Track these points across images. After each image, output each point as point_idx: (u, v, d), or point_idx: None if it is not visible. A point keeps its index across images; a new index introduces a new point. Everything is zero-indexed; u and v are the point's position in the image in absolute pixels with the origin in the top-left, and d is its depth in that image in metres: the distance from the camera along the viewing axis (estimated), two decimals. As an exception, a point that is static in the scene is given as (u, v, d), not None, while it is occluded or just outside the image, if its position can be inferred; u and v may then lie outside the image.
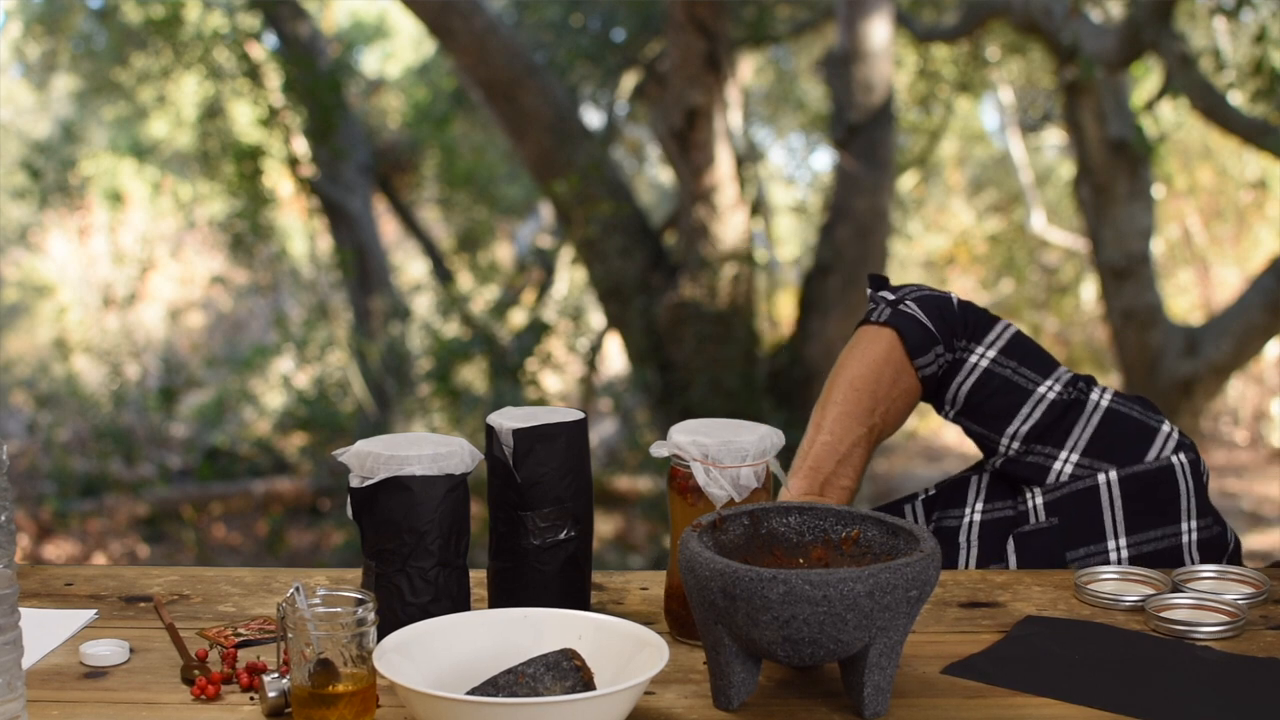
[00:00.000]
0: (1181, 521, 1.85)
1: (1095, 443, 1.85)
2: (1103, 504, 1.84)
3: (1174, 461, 1.85)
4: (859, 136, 6.79)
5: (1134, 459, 1.84)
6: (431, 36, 7.23)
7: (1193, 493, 1.85)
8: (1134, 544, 1.84)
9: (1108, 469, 1.84)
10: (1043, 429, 1.86)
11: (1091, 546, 1.85)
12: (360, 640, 1.28)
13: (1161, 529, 1.86)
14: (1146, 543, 1.85)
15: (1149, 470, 1.84)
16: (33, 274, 9.33)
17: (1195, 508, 1.85)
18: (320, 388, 8.38)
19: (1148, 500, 1.84)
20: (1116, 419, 1.87)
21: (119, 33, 8.31)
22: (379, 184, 8.79)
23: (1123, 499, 1.84)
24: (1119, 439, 1.86)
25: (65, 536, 7.76)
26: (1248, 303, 6.34)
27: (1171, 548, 1.85)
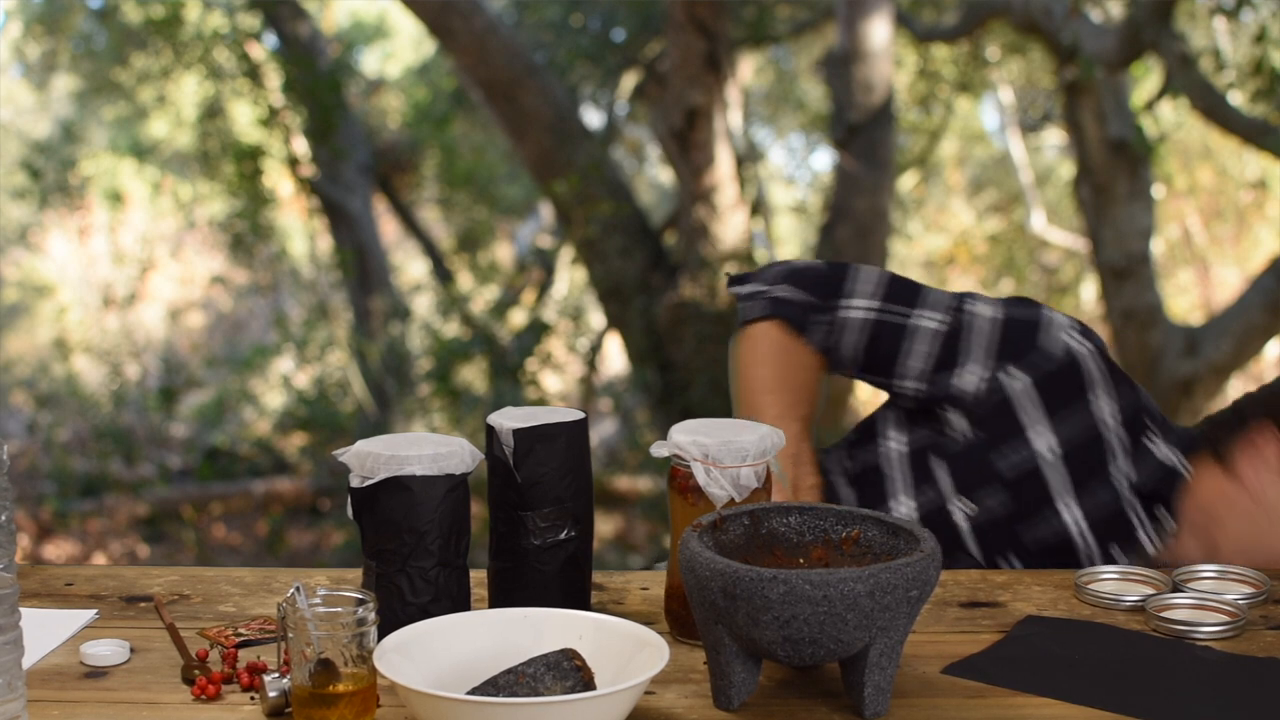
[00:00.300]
0: (1097, 401, 1.86)
1: (994, 353, 1.86)
2: (1017, 407, 1.85)
3: (1073, 347, 1.86)
4: (859, 136, 6.79)
5: (1034, 356, 1.85)
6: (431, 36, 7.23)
7: (1101, 372, 1.87)
8: (1059, 433, 1.85)
9: (1013, 372, 1.85)
10: (940, 359, 1.87)
11: (1019, 449, 1.85)
12: (360, 640, 1.28)
13: (1078, 413, 1.86)
14: (1071, 434, 1.86)
15: (1053, 361, 1.85)
16: (33, 274, 9.33)
17: (1106, 387, 1.87)
18: (320, 388, 8.38)
19: (1059, 390, 1.85)
20: (1007, 325, 1.88)
21: (119, 33, 8.31)
22: (379, 184, 8.80)
23: (1037, 394, 1.85)
24: (1014, 342, 1.87)
25: (65, 536, 7.76)
26: (1248, 303, 6.34)
27: (1092, 436, 1.86)
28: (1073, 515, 1.84)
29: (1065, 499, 1.84)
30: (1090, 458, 1.85)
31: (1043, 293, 9.86)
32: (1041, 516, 1.84)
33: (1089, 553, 1.85)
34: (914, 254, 10.15)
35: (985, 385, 1.85)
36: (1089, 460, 1.85)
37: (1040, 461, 1.84)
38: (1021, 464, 1.85)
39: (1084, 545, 1.85)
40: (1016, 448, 1.85)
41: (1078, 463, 1.85)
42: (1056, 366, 1.85)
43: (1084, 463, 1.85)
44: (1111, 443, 1.86)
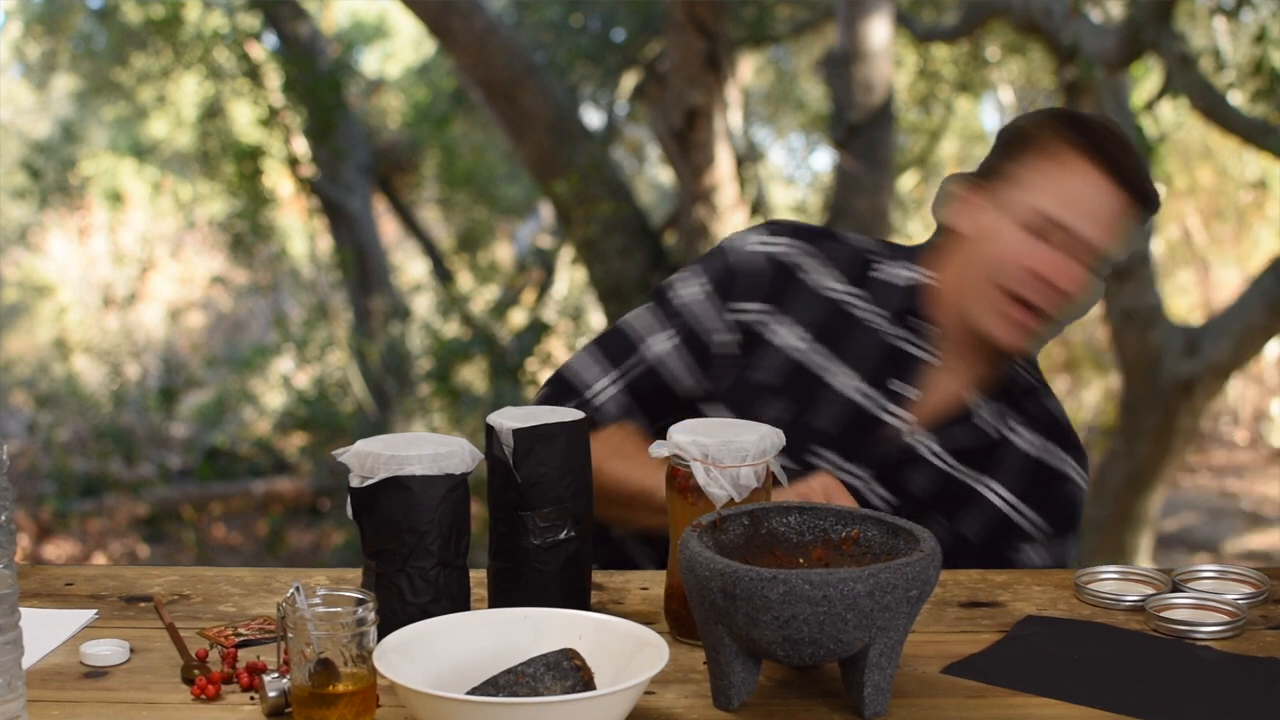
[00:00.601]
0: (819, 279, 1.91)
1: (721, 310, 1.92)
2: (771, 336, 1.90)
3: (770, 250, 1.92)
4: (859, 136, 6.79)
5: (742, 281, 1.91)
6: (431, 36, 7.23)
7: (808, 251, 1.92)
8: (803, 323, 1.91)
9: (741, 307, 1.90)
10: (698, 360, 1.91)
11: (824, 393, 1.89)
12: (360, 640, 1.28)
13: (815, 300, 1.91)
14: (815, 319, 1.91)
15: (762, 274, 1.92)
16: (33, 274, 9.33)
17: (821, 261, 1.93)
18: (320, 388, 8.38)
19: (784, 290, 1.91)
20: (714, 282, 1.92)
21: (119, 33, 8.31)
22: (379, 184, 8.80)
23: (771, 307, 1.90)
24: (726, 288, 1.91)
25: (65, 536, 7.76)
26: (1248, 303, 6.33)
27: (833, 310, 1.91)
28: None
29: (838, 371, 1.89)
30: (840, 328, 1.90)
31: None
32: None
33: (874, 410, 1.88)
34: (914, 254, 10.14)
35: (736, 338, 1.88)
36: (843, 329, 1.90)
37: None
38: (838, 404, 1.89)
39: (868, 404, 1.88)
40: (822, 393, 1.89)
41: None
42: (769, 277, 1.89)
43: (839, 333, 1.89)
44: (850, 304, 1.91)
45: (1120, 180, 1.78)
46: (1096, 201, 1.78)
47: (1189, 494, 9.25)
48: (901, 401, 1.87)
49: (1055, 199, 1.78)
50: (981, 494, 1.91)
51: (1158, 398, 6.36)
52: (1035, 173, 1.80)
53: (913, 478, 1.88)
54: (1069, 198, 1.78)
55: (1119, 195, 1.78)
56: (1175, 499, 8.57)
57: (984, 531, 1.91)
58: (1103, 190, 1.78)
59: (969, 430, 1.90)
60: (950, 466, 1.90)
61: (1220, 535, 8.52)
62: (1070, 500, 1.95)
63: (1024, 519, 1.92)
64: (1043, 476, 1.93)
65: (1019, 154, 1.82)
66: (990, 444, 1.91)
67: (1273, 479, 9.45)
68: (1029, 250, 1.79)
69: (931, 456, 1.89)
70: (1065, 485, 1.95)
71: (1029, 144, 1.82)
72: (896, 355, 1.88)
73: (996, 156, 1.86)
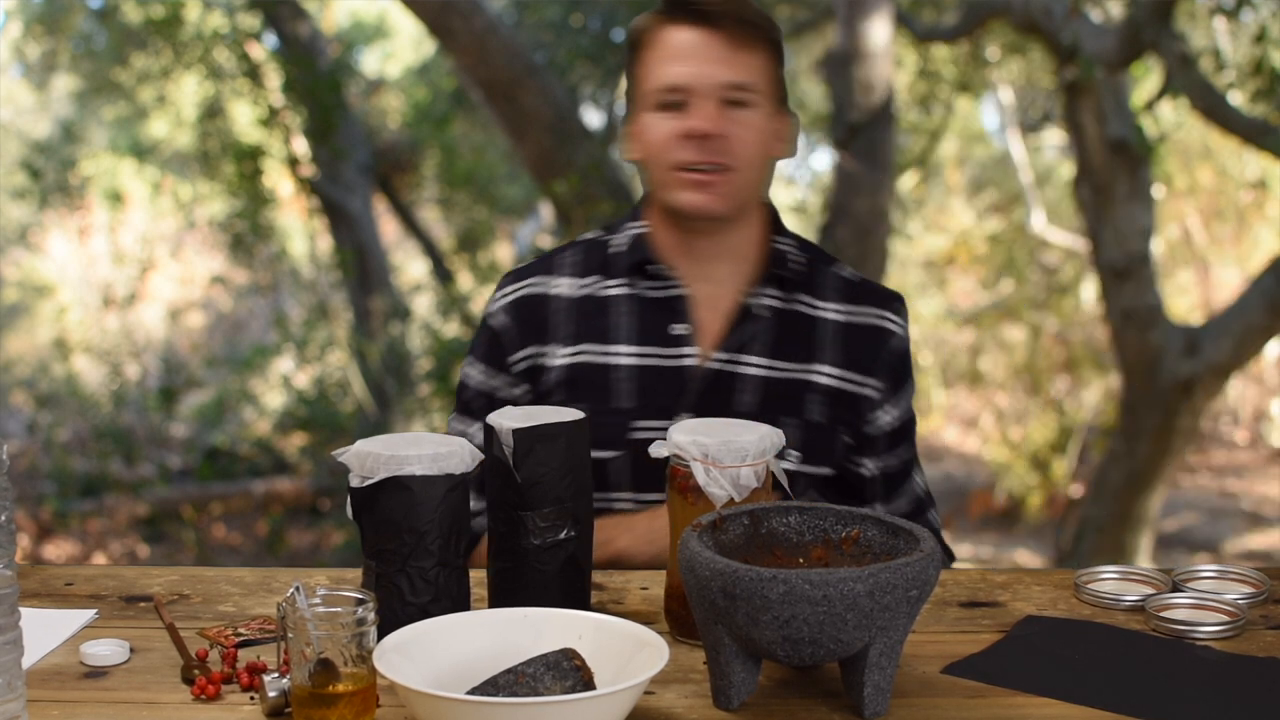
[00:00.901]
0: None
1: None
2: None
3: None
4: (859, 136, 6.79)
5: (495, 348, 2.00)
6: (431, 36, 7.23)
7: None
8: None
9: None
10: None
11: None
12: (360, 640, 1.28)
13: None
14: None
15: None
16: (33, 274, 9.33)
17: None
18: (320, 388, 8.38)
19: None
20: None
21: (119, 33, 8.31)
22: (379, 184, 8.79)
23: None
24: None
25: (65, 536, 7.76)
26: (1248, 303, 6.33)
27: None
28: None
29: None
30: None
31: (1043, 292, 9.87)
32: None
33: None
34: (914, 254, 10.15)
35: (525, 388, 1.96)
36: (599, 315, 1.96)
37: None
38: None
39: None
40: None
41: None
42: (521, 321, 1.97)
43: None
44: (596, 291, 1.97)
45: (700, 19, 1.84)
46: (689, 47, 1.84)
47: (1189, 494, 9.25)
48: (686, 340, 1.91)
49: (658, 70, 1.86)
50: (811, 380, 1.92)
51: (1158, 398, 6.36)
52: (643, 65, 1.88)
53: (738, 399, 1.90)
54: (666, 60, 1.85)
55: (709, 30, 1.84)
56: (1175, 499, 8.57)
57: (829, 413, 1.92)
58: (690, 35, 1.85)
59: (761, 325, 1.92)
60: (768, 369, 1.91)
61: (1220, 535, 8.52)
62: (894, 351, 1.97)
63: (859, 386, 1.94)
64: (858, 338, 1.95)
65: (631, 64, 1.91)
66: (796, 330, 1.93)
67: (1273, 479, 9.45)
68: (663, 123, 1.86)
69: (746, 369, 1.91)
70: (885, 338, 1.97)
71: (634, 50, 1.90)
72: (654, 304, 1.92)
73: (628, 74, 1.93)
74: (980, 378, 10.09)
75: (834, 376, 1.93)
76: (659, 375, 1.90)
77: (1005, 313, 10.07)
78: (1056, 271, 9.87)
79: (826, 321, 1.95)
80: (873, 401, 1.95)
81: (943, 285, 10.59)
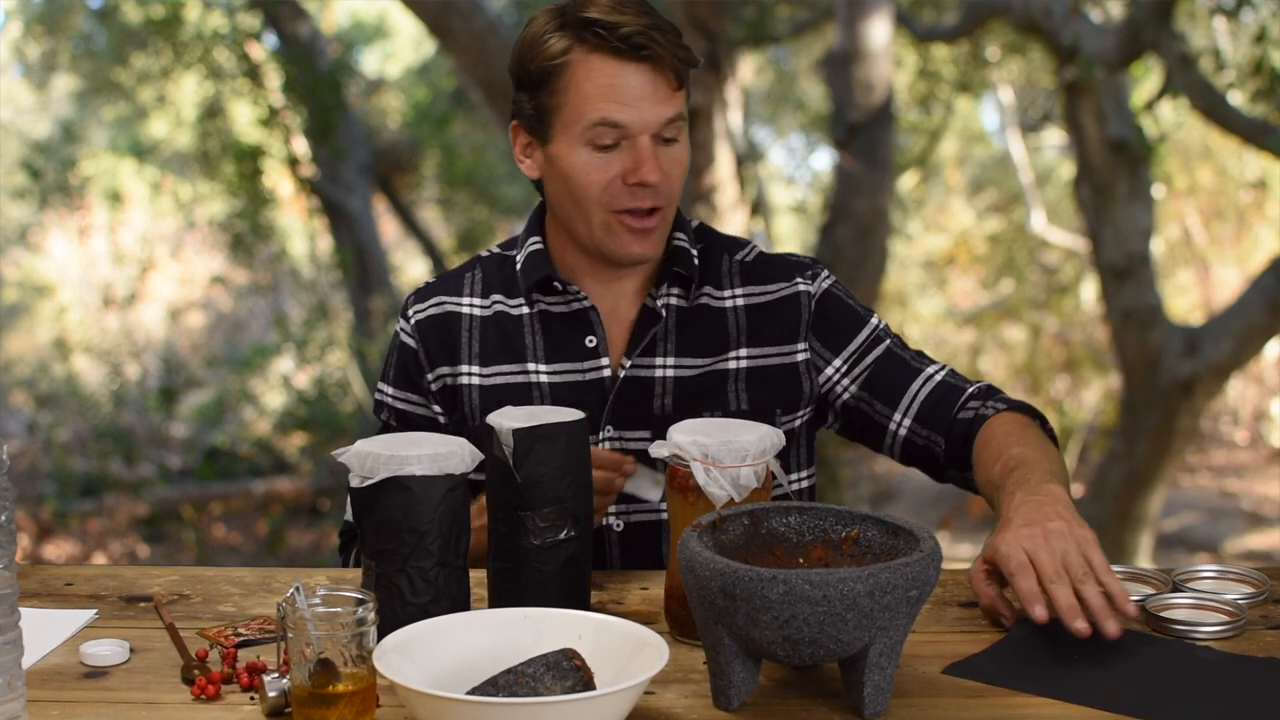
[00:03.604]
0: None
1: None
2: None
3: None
4: (859, 136, 6.79)
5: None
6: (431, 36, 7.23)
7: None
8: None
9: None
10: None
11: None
12: (360, 640, 1.28)
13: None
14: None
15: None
16: (33, 274, 9.34)
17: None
18: (320, 388, 8.38)
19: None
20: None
21: (119, 33, 8.31)
22: (379, 184, 8.79)
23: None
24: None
25: (65, 536, 7.77)
26: (1248, 303, 6.33)
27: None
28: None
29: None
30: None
31: (1043, 292, 9.87)
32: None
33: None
34: (914, 254, 10.16)
35: (437, 409, 1.93)
36: (510, 334, 1.95)
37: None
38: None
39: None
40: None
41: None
42: (431, 342, 1.93)
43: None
44: (504, 310, 1.95)
45: (640, 55, 1.75)
46: (627, 86, 1.76)
47: (1189, 494, 9.25)
48: (597, 353, 1.87)
49: (592, 105, 1.76)
50: (727, 370, 1.88)
51: (1158, 398, 6.36)
52: (565, 93, 1.78)
53: (656, 403, 1.86)
54: (601, 97, 1.76)
55: (648, 68, 1.76)
56: (1175, 499, 8.58)
57: (757, 396, 1.88)
58: (628, 73, 1.76)
59: (667, 325, 1.88)
60: (680, 368, 1.88)
61: (1220, 535, 8.52)
62: (816, 307, 1.92)
63: (785, 356, 1.90)
64: (769, 315, 1.91)
65: (543, 81, 1.80)
66: (702, 325, 1.89)
67: (1273, 479, 9.45)
68: (598, 163, 1.78)
69: (659, 372, 1.87)
70: (798, 301, 1.92)
71: (548, 69, 1.80)
72: (562, 320, 1.88)
73: (527, 95, 1.83)
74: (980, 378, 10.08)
75: (751, 357, 1.89)
76: (576, 390, 1.86)
77: (1005, 313, 10.08)
78: (1056, 271, 9.87)
79: (734, 310, 1.91)
80: (808, 363, 1.91)
81: (943, 285, 10.60)
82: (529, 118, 1.83)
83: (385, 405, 1.94)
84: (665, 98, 1.76)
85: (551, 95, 1.79)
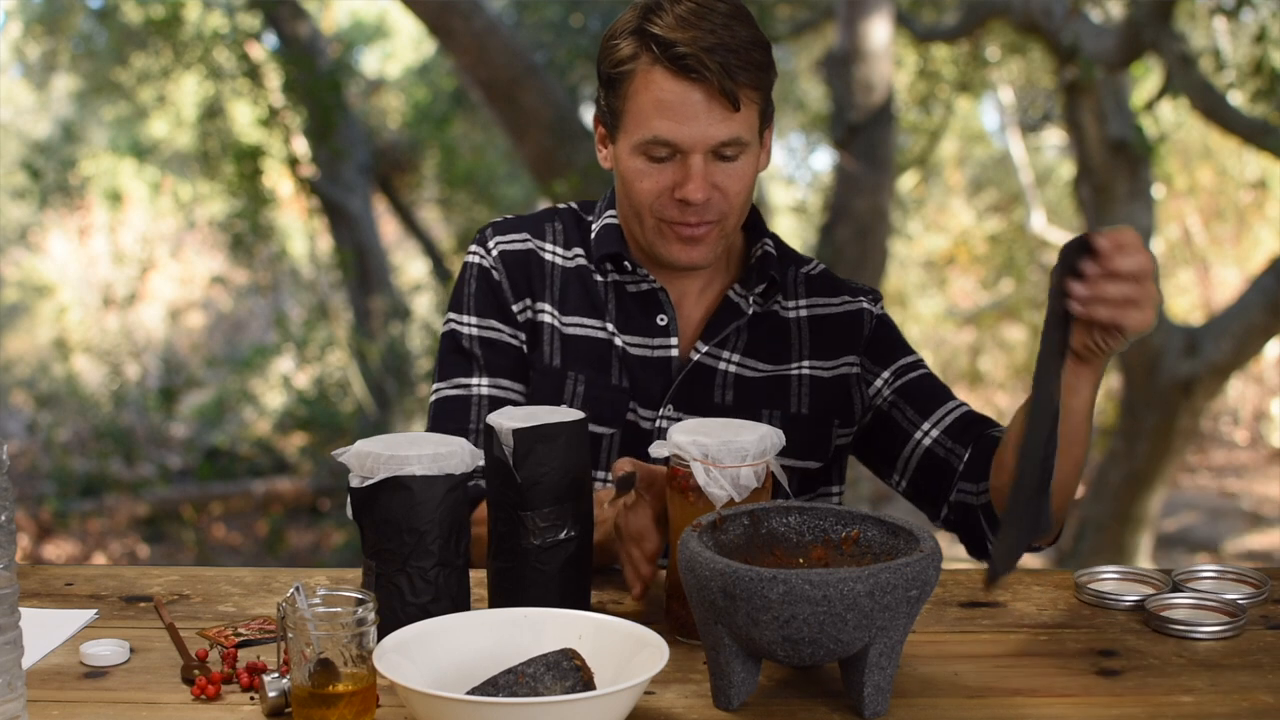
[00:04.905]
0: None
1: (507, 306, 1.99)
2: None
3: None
4: (859, 136, 6.79)
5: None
6: (431, 36, 7.23)
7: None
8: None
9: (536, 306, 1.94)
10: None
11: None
12: (360, 640, 1.28)
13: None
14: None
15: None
16: (33, 274, 9.34)
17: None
18: (320, 388, 8.38)
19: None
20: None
21: (119, 33, 8.31)
22: (379, 184, 8.79)
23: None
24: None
25: (65, 536, 7.77)
26: (1248, 303, 6.33)
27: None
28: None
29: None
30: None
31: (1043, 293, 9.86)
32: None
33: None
34: (914, 254, 10.15)
35: (522, 336, 1.92)
36: (588, 293, 1.96)
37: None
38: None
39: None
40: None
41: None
42: (514, 274, 1.93)
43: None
44: (585, 268, 1.96)
45: (696, 75, 1.74)
46: (681, 104, 1.75)
47: (1189, 494, 9.25)
48: (668, 331, 1.89)
49: (646, 119, 1.77)
50: (790, 375, 1.91)
51: (1158, 398, 6.36)
52: (628, 99, 1.79)
53: (719, 394, 1.89)
54: (656, 111, 1.76)
55: (704, 88, 1.74)
56: (1175, 499, 8.58)
57: (815, 403, 1.90)
58: (683, 91, 1.75)
59: (742, 323, 1.90)
60: (745, 368, 1.90)
61: (1220, 535, 8.52)
62: (873, 327, 1.95)
63: (840, 368, 1.92)
64: (832, 327, 1.94)
65: (614, 84, 1.81)
66: (772, 332, 1.92)
67: (1273, 479, 9.45)
68: (650, 172, 1.79)
69: (726, 365, 1.89)
70: (859, 318, 1.95)
71: (617, 73, 1.80)
72: (634, 297, 1.90)
73: (603, 92, 1.84)
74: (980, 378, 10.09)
75: (813, 367, 1.92)
76: (644, 365, 1.89)
77: (1005, 313, 10.07)
78: (1056, 271, 9.85)
79: (799, 320, 1.93)
80: (858, 377, 1.94)
81: (943, 285, 10.60)
82: (604, 113, 1.85)
83: (468, 336, 1.92)
84: (720, 119, 1.75)
85: (618, 99, 1.81)
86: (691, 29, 1.74)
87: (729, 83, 1.74)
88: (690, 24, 1.74)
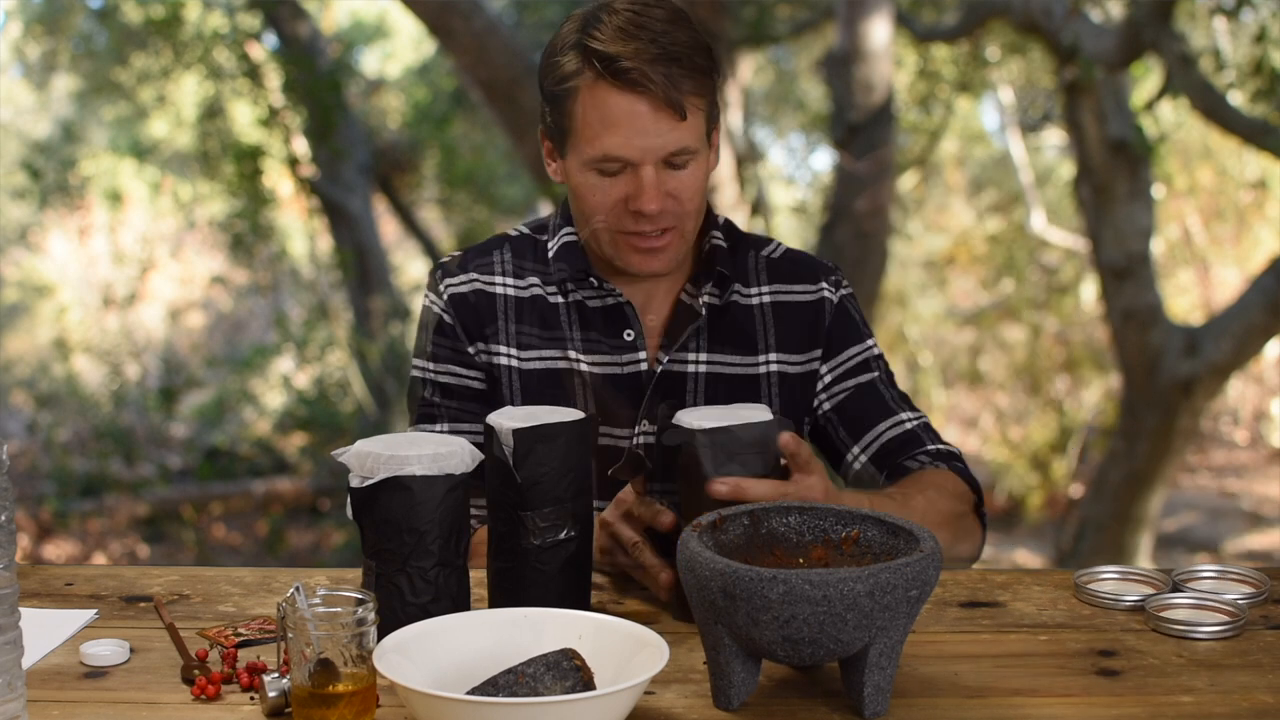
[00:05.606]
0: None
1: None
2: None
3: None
4: (859, 136, 6.79)
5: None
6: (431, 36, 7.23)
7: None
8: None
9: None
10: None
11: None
12: (360, 640, 1.28)
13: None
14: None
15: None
16: (33, 274, 9.34)
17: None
18: (320, 388, 8.38)
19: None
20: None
21: (119, 33, 8.31)
22: (379, 184, 8.80)
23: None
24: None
25: (65, 536, 7.77)
26: (1248, 303, 6.33)
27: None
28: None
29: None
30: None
31: (1043, 292, 9.87)
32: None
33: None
34: (914, 254, 10.15)
35: (480, 376, 1.92)
36: (546, 318, 1.96)
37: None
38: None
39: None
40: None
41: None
42: (469, 316, 1.92)
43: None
44: (541, 294, 1.95)
45: (639, 89, 1.73)
46: (628, 118, 1.74)
47: (1189, 494, 9.25)
48: (635, 346, 1.88)
49: (594, 135, 1.76)
50: (758, 373, 1.90)
51: (1158, 398, 6.36)
52: (573, 116, 1.77)
53: (690, 400, 1.88)
54: (603, 126, 1.75)
55: (649, 100, 1.73)
56: (1175, 499, 8.58)
57: (785, 401, 1.90)
58: (628, 105, 1.73)
59: (702, 322, 1.89)
60: (714, 365, 1.89)
61: (1220, 535, 8.53)
62: (835, 318, 1.94)
63: (805, 364, 1.93)
64: (795, 316, 1.93)
65: (559, 101, 1.79)
66: (735, 323, 1.91)
67: (1273, 479, 9.45)
68: (602, 186, 1.78)
69: (694, 368, 1.89)
70: (823, 309, 1.95)
71: (561, 90, 1.78)
72: (597, 313, 1.89)
73: (548, 108, 1.83)
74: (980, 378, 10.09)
75: (780, 362, 1.92)
76: (613, 383, 1.87)
77: (1005, 313, 10.08)
78: (1056, 271, 9.87)
79: (762, 306, 1.92)
80: (816, 373, 1.94)
81: (943, 285, 10.60)
82: (550, 130, 1.84)
83: (428, 383, 1.92)
84: (668, 129, 1.74)
85: (564, 117, 1.79)
86: (632, 40, 1.73)
87: (674, 93, 1.73)
88: (630, 35, 1.73)
